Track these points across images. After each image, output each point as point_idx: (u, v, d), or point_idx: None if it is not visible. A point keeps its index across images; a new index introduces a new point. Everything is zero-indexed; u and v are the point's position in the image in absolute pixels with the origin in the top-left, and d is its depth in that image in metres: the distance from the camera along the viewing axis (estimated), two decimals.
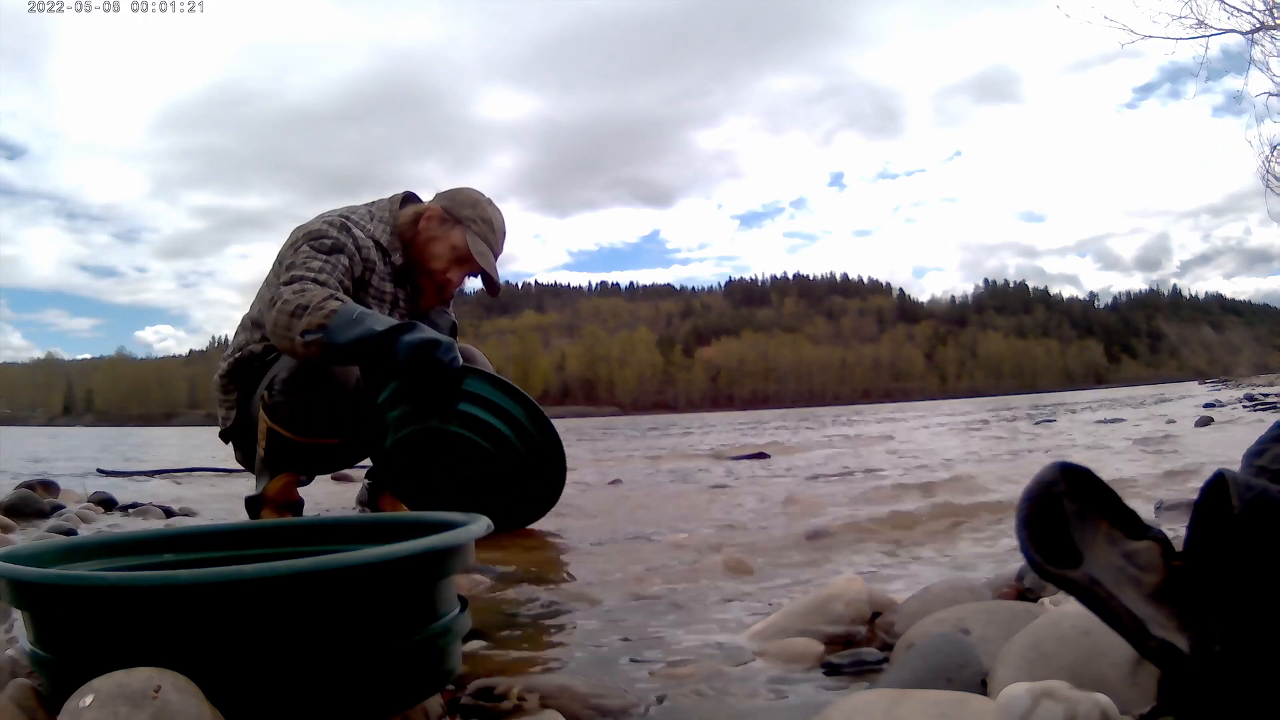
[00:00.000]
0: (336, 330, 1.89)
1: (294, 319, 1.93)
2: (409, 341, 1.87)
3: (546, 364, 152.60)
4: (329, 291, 1.98)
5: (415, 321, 1.93)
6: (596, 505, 2.82)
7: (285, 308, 1.95)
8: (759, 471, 4.04)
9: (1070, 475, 0.67)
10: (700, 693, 0.88)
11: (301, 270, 2.05)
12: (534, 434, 2.12)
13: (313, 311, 1.92)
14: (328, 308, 1.92)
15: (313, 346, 1.92)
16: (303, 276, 2.03)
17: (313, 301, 1.93)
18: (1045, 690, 0.63)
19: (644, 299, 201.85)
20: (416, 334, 1.89)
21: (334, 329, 1.89)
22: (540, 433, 2.13)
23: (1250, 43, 10.51)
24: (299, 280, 2.02)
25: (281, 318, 1.95)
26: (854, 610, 1.08)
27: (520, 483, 2.13)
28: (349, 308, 1.93)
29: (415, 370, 1.89)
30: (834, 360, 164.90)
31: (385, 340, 1.87)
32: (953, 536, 1.89)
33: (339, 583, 0.67)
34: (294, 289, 1.98)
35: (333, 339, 1.89)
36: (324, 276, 2.05)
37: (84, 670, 0.62)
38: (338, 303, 1.94)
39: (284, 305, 1.96)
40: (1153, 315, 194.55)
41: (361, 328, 1.88)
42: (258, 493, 2.21)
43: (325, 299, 1.94)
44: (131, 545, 0.94)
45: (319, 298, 1.94)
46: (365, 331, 1.87)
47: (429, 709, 0.79)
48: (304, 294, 1.96)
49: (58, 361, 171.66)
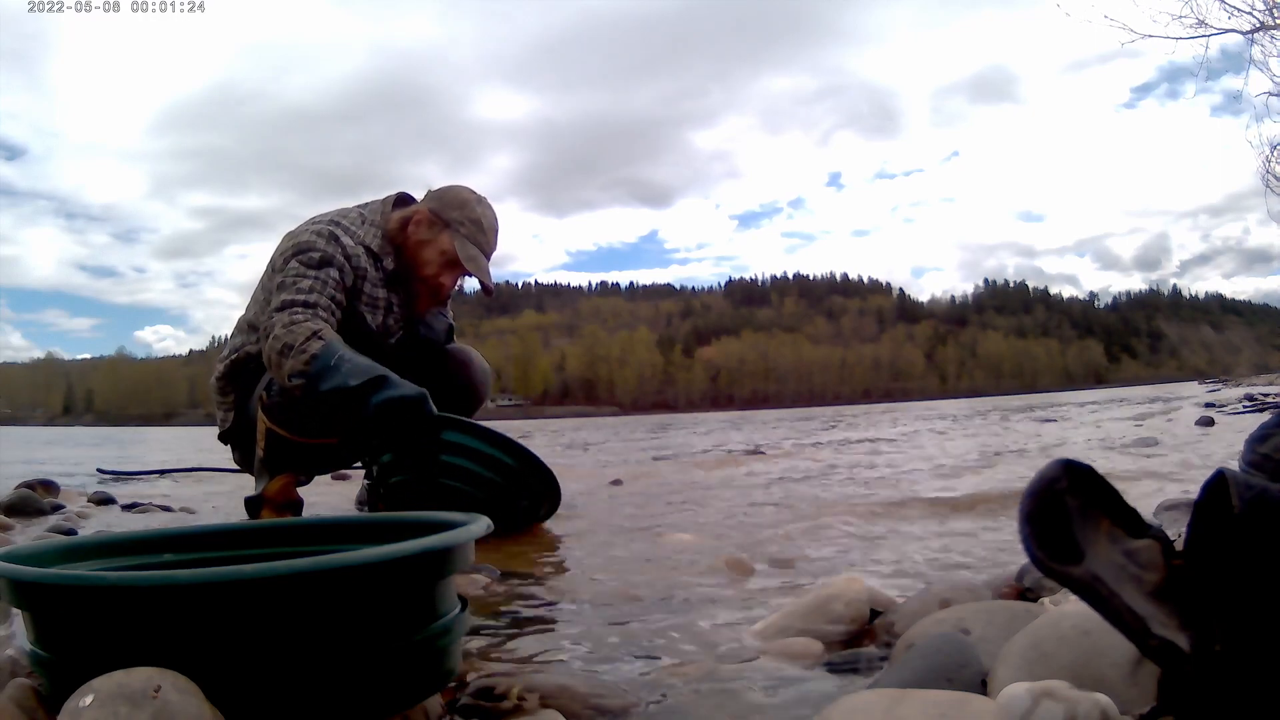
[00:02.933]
0: (315, 378, 1.93)
1: (282, 358, 1.98)
2: (378, 401, 1.87)
3: (546, 364, 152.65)
4: (312, 328, 1.99)
5: (387, 376, 1.91)
6: (597, 505, 2.82)
7: (275, 345, 1.99)
8: (759, 471, 4.04)
9: (1073, 472, 0.67)
10: (700, 692, 0.88)
11: (291, 293, 2.06)
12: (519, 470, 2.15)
13: (295, 354, 1.95)
14: (309, 351, 1.95)
15: (298, 389, 1.99)
16: (293, 302, 2.04)
17: (297, 342, 1.96)
18: (1045, 690, 0.63)
19: (644, 299, 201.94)
20: (386, 391, 1.88)
21: (314, 375, 1.94)
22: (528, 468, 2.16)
23: (1250, 42, 10.53)
24: (289, 307, 2.03)
25: (272, 355, 2.01)
26: (854, 610, 1.08)
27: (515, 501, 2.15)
28: (328, 352, 1.94)
29: (386, 430, 1.90)
30: (834, 360, 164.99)
31: (357, 397, 1.88)
32: (952, 536, 1.88)
33: (339, 583, 0.67)
34: (284, 322, 2.01)
35: (313, 388, 1.94)
36: (314, 297, 2.06)
37: (84, 670, 0.62)
38: (320, 343, 1.96)
39: (273, 342, 2.00)
40: (1153, 315, 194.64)
41: (337, 378, 1.90)
42: (257, 493, 2.21)
43: (308, 339, 1.96)
44: (131, 545, 0.93)
45: (302, 337, 1.97)
46: (340, 383, 1.90)
47: (429, 709, 0.79)
48: (291, 330, 1.99)
49: (58, 361, 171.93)
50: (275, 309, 2.04)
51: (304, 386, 1.95)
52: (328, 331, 2.00)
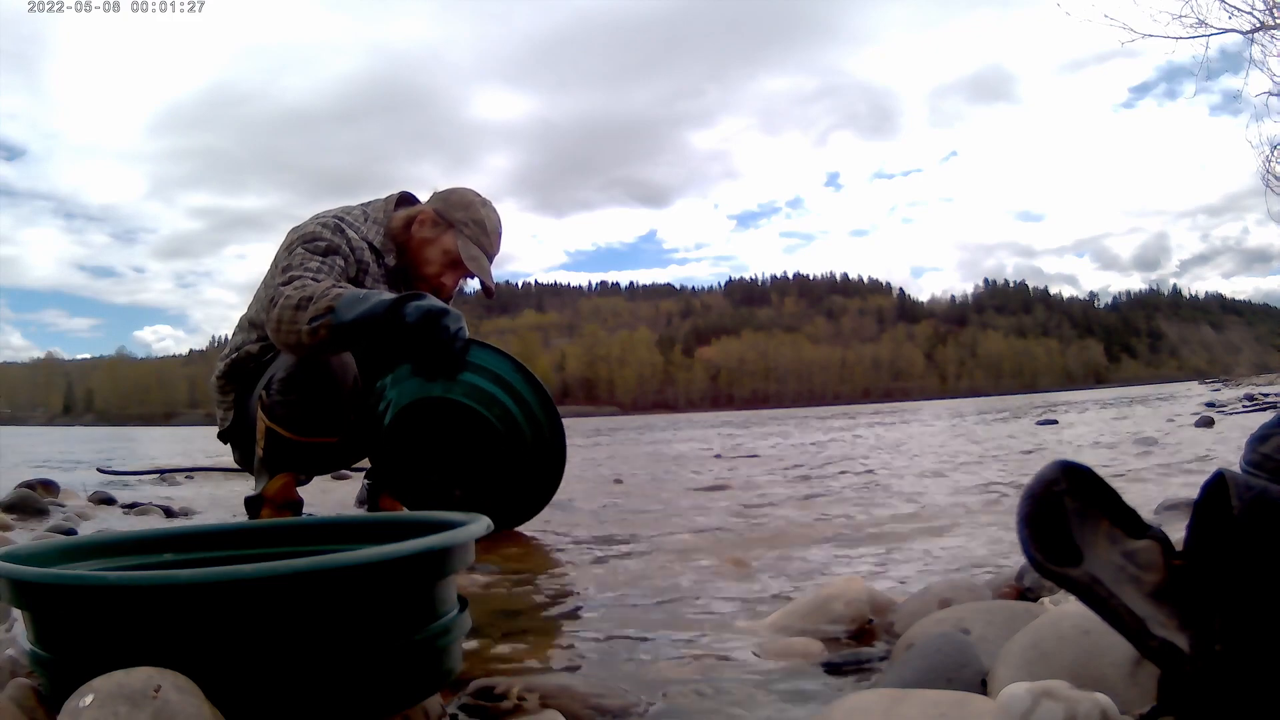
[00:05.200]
0: (343, 309, 1.90)
1: (299, 310, 1.94)
2: (417, 307, 1.89)
3: (546, 364, 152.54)
4: (332, 282, 2.00)
5: (422, 294, 1.94)
6: (597, 504, 2.82)
7: (289, 302, 1.96)
8: (758, 471, 4.04)
9: (1071, 474, 0.67)
10: (700, 692, 0.88)
11: (299, 271, 2.06)
12: (537, 413, 2.12)
13: (318, 300, 1.93)
14: (332, 294, 1.94)
15: (320, 330, 1.92)
16: (300, 276, 2.04)
17: (316, 292, 1.95)
18: (1045, 690, 0.63)
19: (644, 299, 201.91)
20: (425, 301, 1.91)
21: (341, 309, 1.90)
22: (544, 412, 2.13)
23: (1250, 42, 10.52)
24: (297, 279, 2.03)
25: (286, 312, 1.96)
26: (854, 610, 1.08)
27: (518, 470, 2.12)
28: (354, 290, 1.95)
29: (422, 336, 1.90)
30: (834, 360, 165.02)
31: (393, 308, 1.88)
32: (952, 535, 1.88)
33: (339, 583, 0.67)
34: (294, 285, 2.00)
35: (340, 318, 1.90)
36: (321, 276, 2.06)
37: (84, 670, 0.62)
38: (342, 289, 1.96)
39: (286, 300, 1.96)
40: (1152, 315, 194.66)
41: (369, 303, 1.89)
42: (257, 493, 2.21)
43: (329, 288, 1.96)
44: (131, 545, 0.93)
45: (323, 288, 1.96)
46: (374, 304, 1.88)
47: (429, 709, 0.79)
48: (305, 288, 1.97)
49: (57, 361, 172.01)
50: (281, 284, 2.03)
51: (328, 325, 1.91)
52: (346, 285, 2.01)
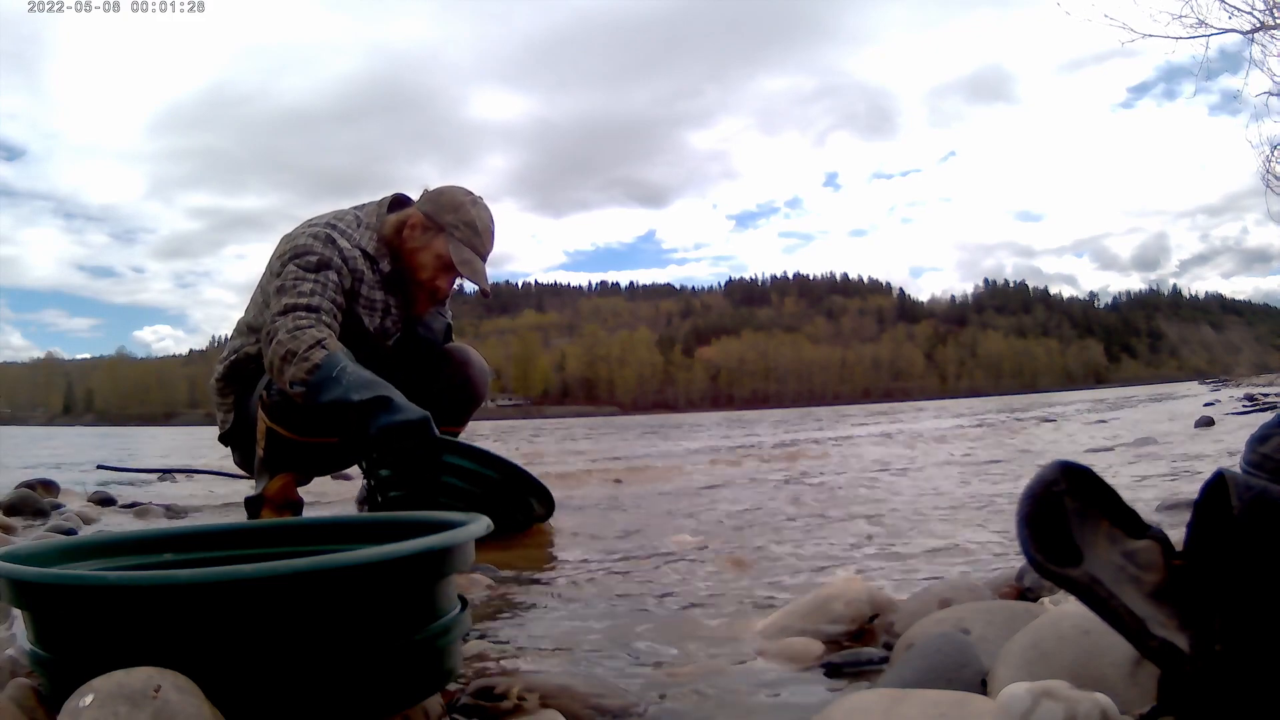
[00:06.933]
0: (316, 388, 1.93)
1: (284, 364, 1.97)
2: (381, 425, 1.85)
3: (546, 363, 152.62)
4: (317, 335, 1.98)
5: (390, 398, 1.89)
6: (597, 505, 2.82)
7: (278, 350, 1.98)
8: (758, 471, 4.04)
9: (1071, 474, 0.67)
10: (700, 692, 0.88)
11: (293, 296, 2.05)
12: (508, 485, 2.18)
13: (298, 361, 1.95)
14: (311, 360, 1.94)
15: (299, 397, 1.98)
16: (295, 306, 2.03)
17: (300, 349, 1.96)
18: (1045, 690, 0.63)
19: (644, 299, 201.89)
20: (389, 416, 1.86)
21: (314, 385, 1.93)
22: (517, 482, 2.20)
23: (1249, 42, 10.51)
24: (292, 311, 2.02)
25: (275, 360, 2.00)
26: (854, 610, 1.08)
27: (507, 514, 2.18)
28: (330, 362, 1.93)
29: (386, 454, 1.90)
30: (834, 360, 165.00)
31: (359, 416, 1.87)
32: (952, 536, 1.88)
33: (339, 583, 0.67)
34: (288, 327, 1.99)
35: (314, 398, 1.93)
36: (316, 300, 2.05)
37: (84, 670, 0.62)
38: (323, 353, 1.95)
39: (277, 347, 1.99)
40: (1152, 315, 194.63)
41: (338, 390, 1.89)
42: (257, 493, 2.21)
43: (311, 348, 1.95)
44: (131, 545, 0.93)
45: (305, 344, 1.96)
46: (341, 396, 1.89)
47: (429, 709, 0.79)
48: (295, 336, 1.98)
49: (57, 361, 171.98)
50: (278, 313, 2.03)
51: (305, 394, 1.95)
52: (331, 341, 1.99)
